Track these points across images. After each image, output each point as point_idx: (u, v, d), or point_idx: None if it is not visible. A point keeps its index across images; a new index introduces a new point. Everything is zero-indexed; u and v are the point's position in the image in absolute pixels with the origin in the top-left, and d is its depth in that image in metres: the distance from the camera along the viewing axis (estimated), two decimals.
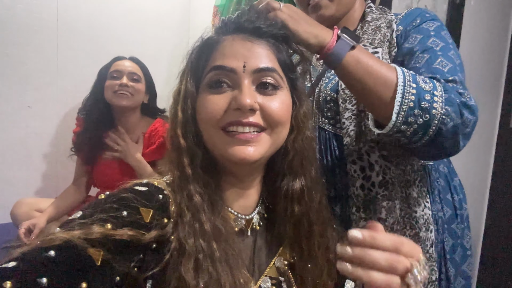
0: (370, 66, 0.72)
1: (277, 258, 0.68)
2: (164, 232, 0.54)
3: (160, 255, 0.53)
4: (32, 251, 0.45)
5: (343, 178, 0.91)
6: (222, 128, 0.58)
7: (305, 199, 0.66)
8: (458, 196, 1.01)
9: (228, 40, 0.61)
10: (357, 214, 0.89)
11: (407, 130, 0.71)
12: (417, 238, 0.91)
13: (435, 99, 0.71)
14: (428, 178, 0.96)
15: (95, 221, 0.49)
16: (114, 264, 0.48)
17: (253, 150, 0.58)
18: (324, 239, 0.69)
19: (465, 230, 1.00)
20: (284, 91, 0.62)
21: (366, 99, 0.75)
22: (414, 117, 0.70)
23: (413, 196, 0.91)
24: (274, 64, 0.61)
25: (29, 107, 1.89)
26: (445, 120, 0.71)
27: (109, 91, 1.64)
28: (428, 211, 0.92)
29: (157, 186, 0.58)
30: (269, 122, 0.59)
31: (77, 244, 0.46)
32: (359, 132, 0.88)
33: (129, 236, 0.50)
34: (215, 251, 0.55)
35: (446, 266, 0.96)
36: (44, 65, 1.91)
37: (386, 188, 0.88)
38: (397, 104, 0.70)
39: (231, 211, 0.65)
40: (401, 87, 0.71)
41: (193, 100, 0.61)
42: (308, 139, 0.66)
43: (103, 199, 0.54)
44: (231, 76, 0.59)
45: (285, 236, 0.68)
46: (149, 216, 0.53)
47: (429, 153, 0.78)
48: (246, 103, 0.56)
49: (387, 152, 0.88)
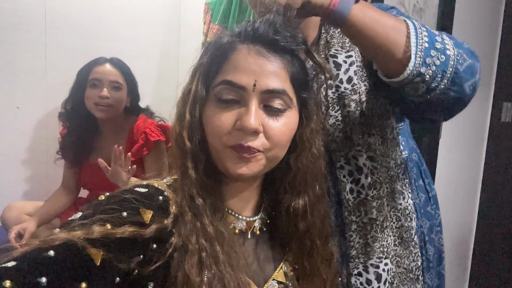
0: (376, 16, 0.71)
1: (283, 264, 0.69)
2: (164, 231, 0.54)
3: (160, 255, 0.53)
4: (32, 251, 0.45)
5: (335, 184, 0.91)
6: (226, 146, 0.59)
7: (308, 216, 0.66)
8: (427, 179, 1.06)
9: (242, 52, 0.60)
10: (349, 218, 0.90)
11: (426, 73, 0.70)
12: (403, 228, 0.95)
13: (446, 42, 0.71)
14: (407, 170, 0.99)
15: (96, 222, 0.49)
16: (114, 262, 0.48)
17: (247, 169, 0.59)
18: (327, 252, 0.70)
19: (436, 210, 1.06)
20: (291, 111, 0.62)
21: (379, 49, 0.73)
22: (431, 58, 0.69)
23: (397, 190, 0.94)
24: (285, 84, 0.60)
25: (18, 108, 1.86)
26: (460, 60, 0.71)
27: (90, 101, 1.61)
28: (411, 201, 0.96)
29: (157, 187, 0.59)
30: (269, 144, 0.60)
31: (77, 244, 0.46)
32: (344, 137, 0.88)
33: (129, 233, 0.50)
34: (218, 253, 0.56)
35: (426, 247, 1.01)
36: (33, 65, 1.87)
37: (375, 188, 0.89)
38: (413, 45, 0.69)
39: (231, 212, 0.65)
40: (413, 29, 0.71)
41: (201, 104, 0.61)
42: (315, 157, 0.66)
43: (103, 200, 0.54)
44: (240, 92, 0.58)
45: (289, 248, 0.69)
46: (149, 217, 0.54)
47: (448, 102, 0.76)
48: (251, 125, 0.56)
49: (373, 153, 0.89)
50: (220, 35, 0.64)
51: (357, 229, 0.90)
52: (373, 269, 0.89)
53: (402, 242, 0.94)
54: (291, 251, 0.69)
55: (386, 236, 0.90)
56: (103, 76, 1.62)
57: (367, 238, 0.89)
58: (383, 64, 0.77)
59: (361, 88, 0.86)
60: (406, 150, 1.01)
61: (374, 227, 0.89)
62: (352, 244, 0.90)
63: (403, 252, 0.95)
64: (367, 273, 0.89)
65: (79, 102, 1.64)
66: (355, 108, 0.86)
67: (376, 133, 0.90)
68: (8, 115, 1.84)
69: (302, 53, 0.65)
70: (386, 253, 0.90)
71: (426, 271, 0.99)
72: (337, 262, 0.75)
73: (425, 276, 0.99)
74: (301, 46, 0.63)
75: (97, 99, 1.59)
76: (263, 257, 0.67)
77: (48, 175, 1.98)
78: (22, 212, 1.68)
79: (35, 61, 1.87)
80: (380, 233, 0.89)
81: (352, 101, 0.86)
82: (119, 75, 1.66)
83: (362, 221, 0.90)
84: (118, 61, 1.69)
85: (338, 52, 0.87)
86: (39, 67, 1.89)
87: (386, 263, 0.89)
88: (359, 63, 0.88)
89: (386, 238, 0.90)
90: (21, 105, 1.87)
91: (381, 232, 0.89)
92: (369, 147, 0.89)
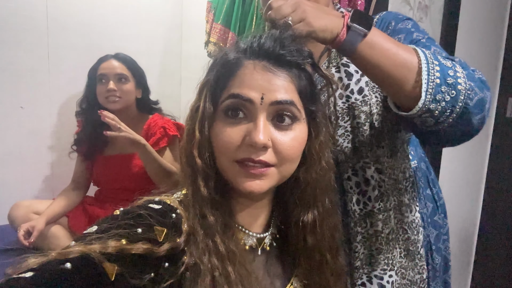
0: (386, 50, 0.69)
1: (293, 279, 0.69)
2: (176, 250, 0.55)
3: (172, 273, 0.54)
4: (49, 263, 0.46)
5: (341, 194, 0.91)
6: (236, 161, 0.59)
7: (317, 229, 0.66)
8: (435, 189, 1.04)
9: (248, 68, 0.59)
10: (354, 229, 0.90)
11: (436, 109, 0.68)
12: (409, 241, 0.93)
13: (458, 75, 0.69)
14: (416, 182, 0.97)
15: (111, 236, 0.50)
16: (128, 277, 0.49)
17: (260, 184, 0.59)
18: (337, 266, 0.70)
19: (444, 219, 1.05)
20: (300, 124, 0.61)
21: (387, 84, 0.72)
22: (442, 94, 0.67)
23: (405, 203, 0.92)
24: (293, 96, 0.59)
25: (22, 107, 1.86)
26: (470, 95, 0.69)
27: (101, 96, 1.68)
28: (418, 215, 0.94)
29: (170, 204, 0.59)
30: (278, 158, 0.59)
31: (94, 257, 0.46)
32: (353, 148, 0.87)
33: (143, 249, 0.50)
34: (230, 273, 0.56)
35: (433, 256, 1.00)
36: (36, 65, 1.87)
37: (382, 200, 0.88)
38: (424, 82, 0.67)
39: (241, 229, 0.65)
40: (425, 65, 0.69)
41: (210, 122, 0.61)
42: (324, 170, 0.66)
43: (118, 215, 0.55)
44: (248, 106, 0.58)
45: (298, 263, 0.69)
46: (163, 235, 0.54)
47: (455, 134, 0.75)
48: (260, 141, 0.56)
49: (381, 166, 0.88)
50: (225, 51, 0.63)
51: (362, 240, 0.90)
52: (377, 280, 0.89)
53: (408, 255, 0.94)
54: (301, 266, 0.69)
55: (391, 248, 0.90)
56: (108, 71, 1.67)
57: (372, 249, 0.89)
58: (391, 96, 0.76)
59: (372, 100, 0.85)
60: (415, 160, 0.99)
61: (379, 239, 0.88)
62: (357, 255, 0.90)
63: (409, 264, 0.94)
64: (371, 284, 0.89)
65: (93, 99, 1.71)
66: (364, 120, 0.85)
67: (386, 145, 0.89)
68: (12, 115, 1.84)
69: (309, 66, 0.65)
70: (391, 265, 0.89)
71: (432, 280, 0.98)
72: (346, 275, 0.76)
73: (431, 284, 0.98)
74: (307, 60, 0.63)
75: (106, 93, 1.66)
76: (274, 273, 0.68)
77: (53, 174, 1.99)
78: (29, 210, 1.69)
79: (38, 60, 1.87)
80: (385, 245, 0.89)
81: (362, 113, 0.85)
82: (125, 68, 1.70)
83: (367, 233, 0.89)
84: (124, 56, 1.73)
85: (350, 62, 0.85)
86: (42, 66, 1.89)
87: (391, 275, 0.89)
88: None
89: (391, 250, 0.90)
90: (25, 105, 1.87)
91: (386, 244, 0.89)
92: (378, 160, 0.87)
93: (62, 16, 1.90)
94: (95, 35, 2.00)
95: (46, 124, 1.95)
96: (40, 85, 1.90)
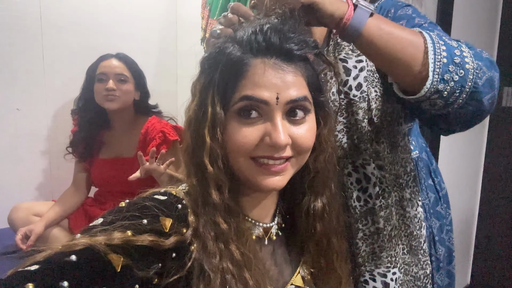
0: (392, 30, 0.68)
1: (300, 268, 0.70)
2: (184, 240, 0.55)
3: (179, 267, 0.54)
4: (55, 255, 0.46)
5: (342, 190, 0.89)
6: (252, 158, 0.58)
7: (326, 216, 0.67)
8: (437, 179, 1.03)
9: (259, 68, 0.57)
10: (355, 226, 0.89)
11: (445, 89, 0.67)
12: (412, 236, 0.93)
13: (465, 54, 0.68)
14: (418, 175, 0.95)
15: (117, 228, 0.50)
16: (134, 269, 0.49)
17: (281, 180, 0.59)
18: (342, 248, 0.71)
19: (447, 209, 1.03)
20: (311, 114, 0.61)
21: (395, 65, 0.70)
22: (450, 74, 0.67)
23: (406, 198, 0.92)
24: (304, 90, 0.59)
25: (18, 109, 1.85)
26: (479, 74, 0.68)
27: (98, 95, 1.65)
28: (421, 209, 0.93)
29: (175, 195, 0.59)
30: (297, 151, 0.59)
31: (99, 249, 0.46)
32: (351, 144, 0.87)
33: (149, 241, 0.50)
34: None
35: (436, 247, 0.98)
36: (31, 66, 1.85)
37: (383, 197, 0.87)
38: (431, 62, 0.66)
39: (248, 219, 0.65)
40: (430, 44, 0.68)
41: (222, 126, 0.58)
42: (330, 156, 0.66)
43: (124, 207, 0.55)
44: (263, 107, 0.57)
45: (306, 250, 0.69)
46: (169, 225, 0.54)
47: (466, 116, 0.73)
48: (282, 142, 0.56)
49: (382, 162, 0.87)
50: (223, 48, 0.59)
51: (363, 237, 0.88)
52: (380, 278, 0.88)
53: (411, 250, 0.93)
54: (309, 253, 0.70)
55: (394, 245, 0.89)
56: (108, 70, 1.65)
57: (374, 247, 0.88)
58: (399, 79, 0.75)
59: (370, 95, 0.84)
60: (416, 150, 0.98)
61: (381, 237, 0.87)
62: (358, 252, 0.89)
63: (412, 260, 0.93)
64: (374, 282, 0.88)
65: (90, 98, 1.69)
66: (362, 117, 0.85)
67: (385, 140, 0.88)
68: (8, 117, 1.83)
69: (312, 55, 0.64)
70: (394, 262, 0.88)
71: (436, 271, 0.97)
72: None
73: (435, 276, 0.97)
74: (314, 50, 0.62)
75: (105, 92, 1.63)
76: (280, 262, 0.68)
77: (51, 175, 1.98)
78: (29, 213, 1.69)
79: (32, 61, 1.86)
80: (388, 242, 0.88)
81: (360, 109, 0.84)
82: (125, 68, 1.69)
83: (369, 230, 0.88)
84: (124, 56, 1.72)
85: (348, 57, 0.85)
86: (37, 67, 1.87)
87: (394, 272, 0.88)
88: (370, 67, 0.85)
89: (394, 247, 0.89)
90: (21, 107, 1.86)
91: (389, 241, 0.88)
92: (378, 156, 0.86)
93: (55, 16, 1.88)
94: (90, 35, 1.98)
95: (42, 125, 1.93)
96: (35, 86, 1.88)
